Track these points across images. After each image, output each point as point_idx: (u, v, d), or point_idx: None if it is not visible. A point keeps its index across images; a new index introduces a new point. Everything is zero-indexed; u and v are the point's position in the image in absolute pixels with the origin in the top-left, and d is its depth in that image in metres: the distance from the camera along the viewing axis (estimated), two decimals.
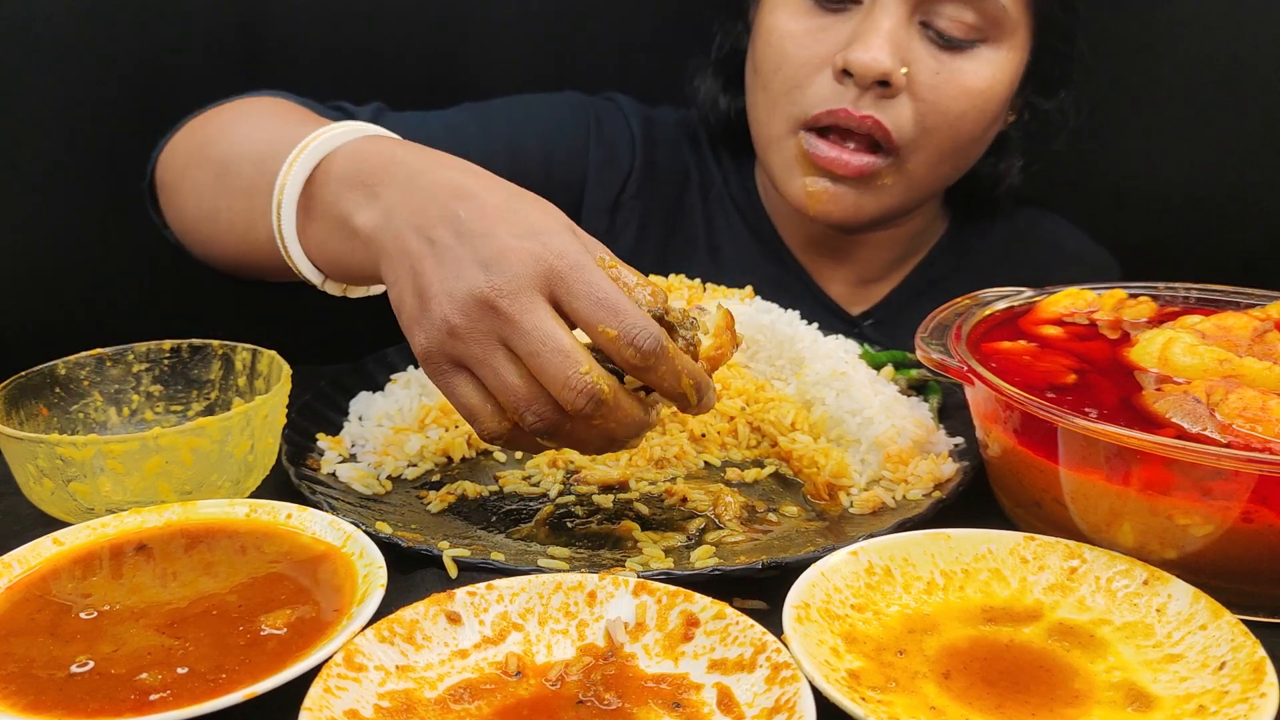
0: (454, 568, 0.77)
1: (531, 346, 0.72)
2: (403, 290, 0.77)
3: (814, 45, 1.15)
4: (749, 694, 0.62)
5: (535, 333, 0.72)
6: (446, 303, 0.74)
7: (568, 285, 0.73)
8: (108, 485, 0.80)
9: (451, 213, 0.77)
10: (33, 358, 0.92)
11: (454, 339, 0.74)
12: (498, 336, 0.73)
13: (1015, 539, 0.75)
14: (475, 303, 0.73)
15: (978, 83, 1.14)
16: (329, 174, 0.85)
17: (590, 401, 0.72)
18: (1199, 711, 0.60)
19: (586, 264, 0.74)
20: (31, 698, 0.61)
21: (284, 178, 0.86)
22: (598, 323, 0.72)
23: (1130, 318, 0.99)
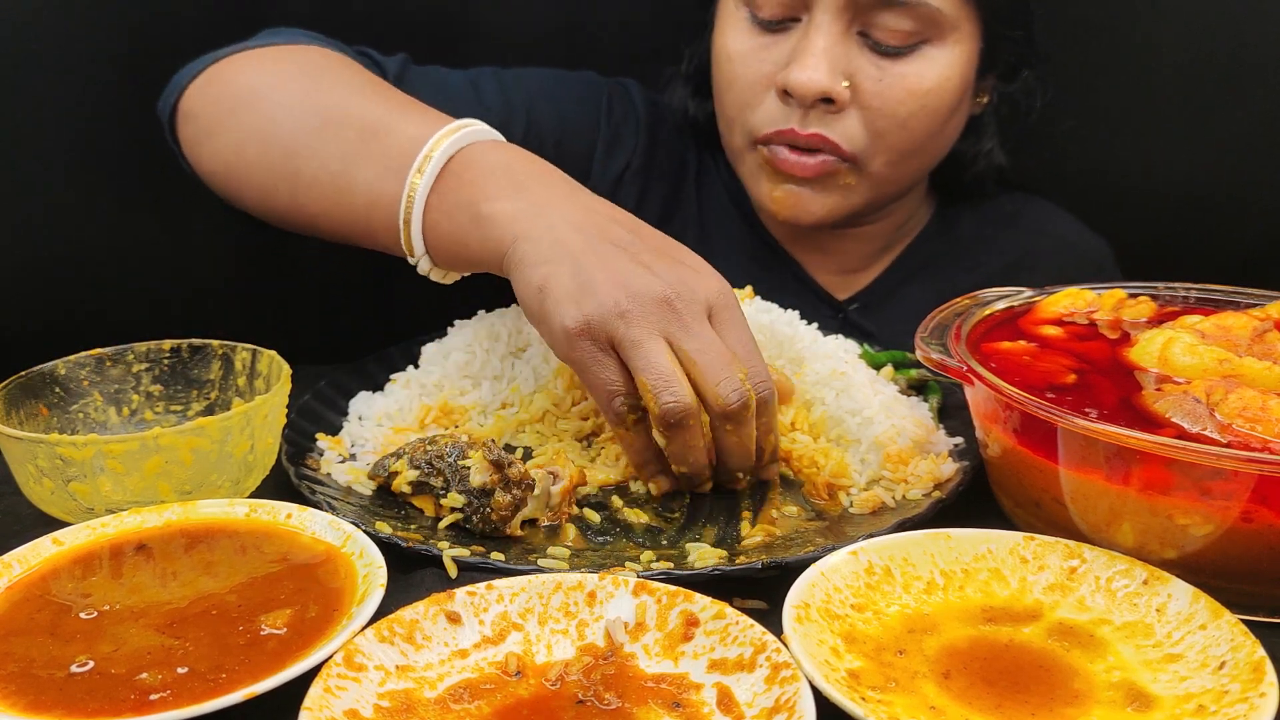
0: (454, 568, 0.77)
1: (699, 345, 0.81)
2: (554, 273, 0.82)
3: (757, 65, 1.16)
4: (749, 694, 0.62)
5: (704, 336, 0.82)
6: (621, 290, 0.81)
7: (724, 319, 0.84)
8: (108, 485, 0.80)
9: (615, 228, 0.86)
10: (33, 358, 0.92)
11: (621, 319, 0.80)
12: (663, 330, 0.81)
13: (1015, 539, 0.75)
14: (652, 297, 0.81)
15: (923, 83, 1.13)
16: (468, 165, 0.92)
17: (740, 401, 0.81)
18: (1199, 711, 0.60)
19: (740, 313, 0.86)
20: (31, 698, 0.61)
21: (421, 165, 0.92)
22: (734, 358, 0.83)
23: (1130, 318, 0.99)
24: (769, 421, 0.86)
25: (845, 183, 1.18)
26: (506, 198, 0.88)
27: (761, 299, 1.10)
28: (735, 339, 0.84)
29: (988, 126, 1.30)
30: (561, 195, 0.89)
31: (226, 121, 1.07)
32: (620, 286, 0.81)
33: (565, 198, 0.89)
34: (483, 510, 0.82)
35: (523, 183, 0.90)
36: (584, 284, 0.81)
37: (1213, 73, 1.38)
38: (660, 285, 0.82)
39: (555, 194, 0.89)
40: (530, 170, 0.92)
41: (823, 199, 1.19)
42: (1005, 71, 1.25)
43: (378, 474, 0.89)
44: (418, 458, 0.86)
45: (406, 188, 0.92)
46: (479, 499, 0.82)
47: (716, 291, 0.84)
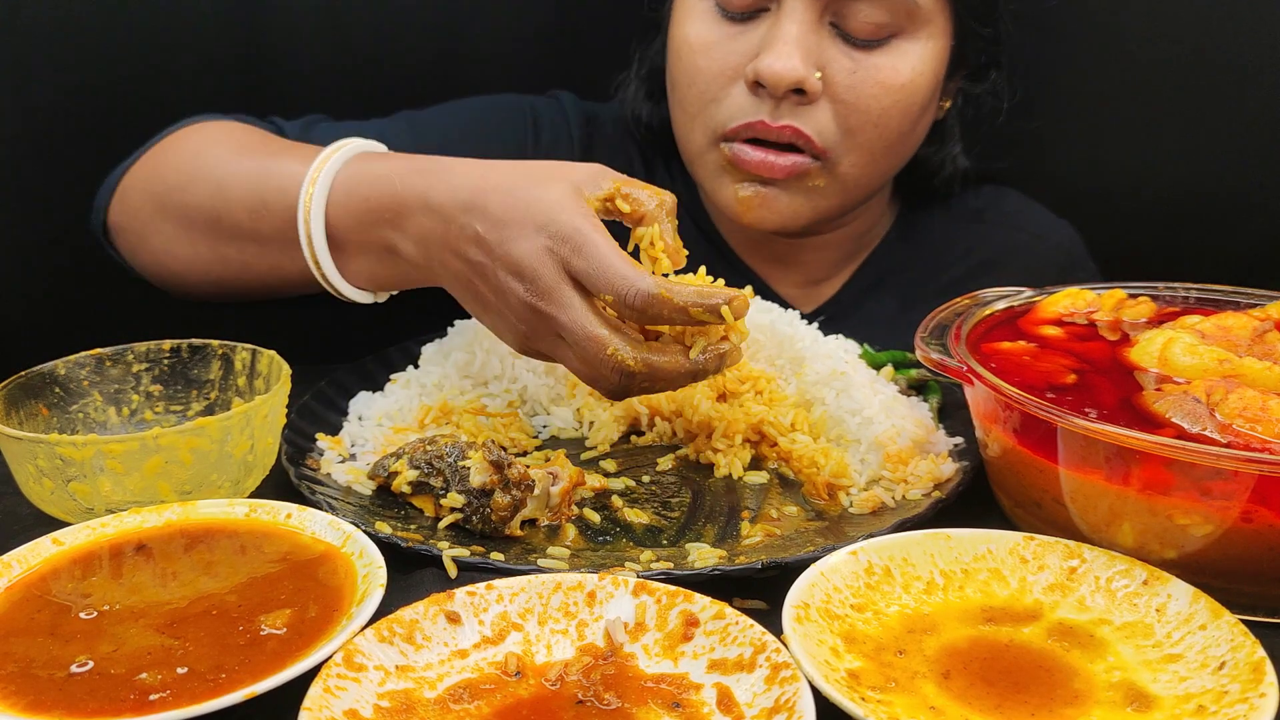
0: (454, 568, 0.77)
1: (572, 339, 0.84)
2: (472, 306, 0.92)
3: (724, 57, 1.12)
4: (749, 694, 0.62)
5: (571, 325, 0.83)
6: (510, 315, 0.87)
7: (575, 268, 0.83)
8: (107, 485, 0.80)
9: (470, 228, 0.88)
10: (33, 358, 0.92)
11: (530, 340, 0.88)
12: (554, 332, 0.85)
13: (1015, 539, 0.75)
14: (528, 311, 0.85)
15: (897, 77, 1.10)
16: (345, 214, 0.96)
17: (621, 375, 0.83)
18: (1199, 711, 0.60)
19: (584, 241, 0.83)
20: (31, 698, 0.61)
21: (304, 227, 0.96)
22: (598, 293, 0.83)
23: (1130, 318, 0.99)
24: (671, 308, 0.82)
25: (814, 184, 1.14)
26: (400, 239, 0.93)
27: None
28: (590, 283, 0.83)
29: (951, 131, 1.27)
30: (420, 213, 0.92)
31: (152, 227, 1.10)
32: (508, 309, 0.87)
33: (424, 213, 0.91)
34: (482, 510, 0.82)
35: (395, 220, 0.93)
36: (490, 313, 0.90)
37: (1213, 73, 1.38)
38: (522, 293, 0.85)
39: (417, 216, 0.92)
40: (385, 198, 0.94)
41: (789, 200, 1.15)
42: (974, 72, 1.22)
43: (378, 474, 0.89)
44: (417, 458, 0.86)
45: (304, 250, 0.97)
46: (479, 499, 0.82)
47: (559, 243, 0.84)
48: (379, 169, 0.96)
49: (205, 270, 1.07)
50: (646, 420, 1.02)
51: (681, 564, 0.78)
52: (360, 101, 1.26)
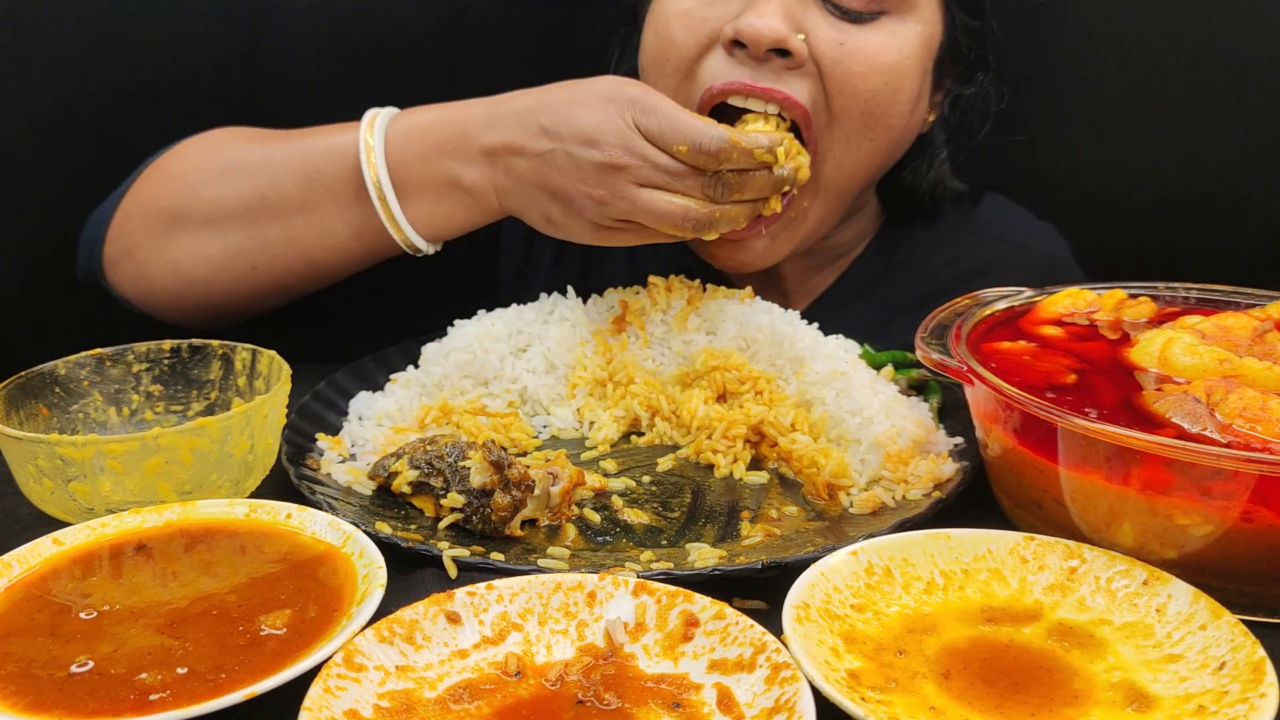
0: (454, 568, 0.77)
1: (654, 174, 0.94)
2: (544, 206, 0.97)
3: (701, 24, 1.08)
4: (749, 694, 0.62)
5: (652, 158, 0.93)
6: (583, 187, 0.94)
7: (647, 126, 0.93)
8: (108, 485, 0.80)
9: (535, 124, 0.96)
10: (33, 358, 0.92)
11: (608, 204, 0.94)
12: (634, 182, 0.94)
13: (1015, 539, 0.75)
14: (604, 172, 0.93)
15: (887, 56, 1.07)
16: (404, 156, 1.01)
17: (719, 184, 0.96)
18: (1199, 711, 0.60)
19: (654, 102, 0.94)
20: (31, 698, 0.61)
21: (371, 172, 1.02)
22: (671, 145, 0.93)
23: (1130, 318, 0.99)
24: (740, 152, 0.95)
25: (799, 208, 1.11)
26: (466, 166, 1.01)
27: None
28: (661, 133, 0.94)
29: (935, 140, 1.25)
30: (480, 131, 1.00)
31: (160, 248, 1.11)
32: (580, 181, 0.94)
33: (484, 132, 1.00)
34: (482, 510, 0.82)
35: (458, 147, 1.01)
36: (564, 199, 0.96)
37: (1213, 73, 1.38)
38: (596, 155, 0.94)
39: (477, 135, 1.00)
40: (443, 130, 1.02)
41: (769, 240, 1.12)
42: (960, 71, 1.20)
43: (378, 474, 0.89)
44: (418, 458, 0.86)
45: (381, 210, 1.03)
46: (479, 499, 0.82)
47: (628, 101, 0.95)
48: (432, 113, 1.04)
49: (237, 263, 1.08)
50: (647, 420, 1.02)
51: (681, 564, 0.78)
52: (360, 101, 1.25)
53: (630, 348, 1.07)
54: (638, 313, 1.09)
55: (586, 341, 1.07)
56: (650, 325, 1.08)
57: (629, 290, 1.13)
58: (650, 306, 1.10)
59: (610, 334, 1.08)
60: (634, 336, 1.08)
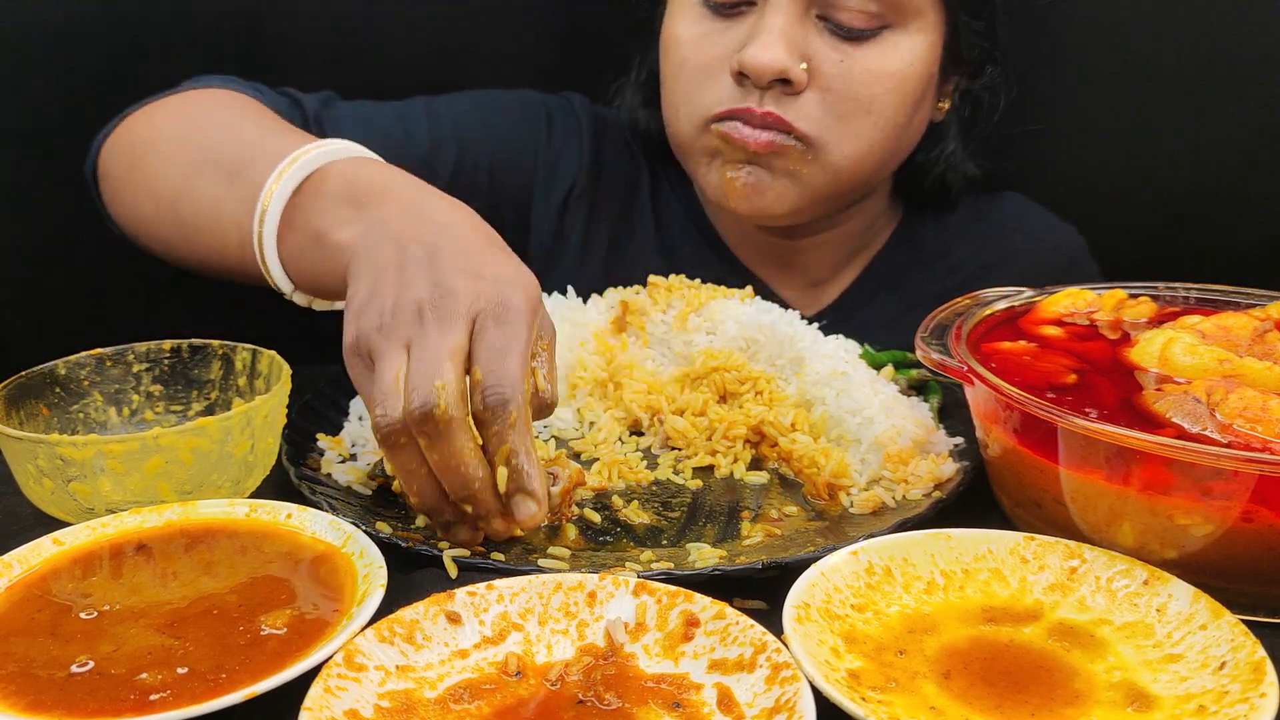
0: (454, 568, 0.77)
1: (419, 353, 0.73)
2: (360, 286, 0.79)
3: (711, 49, 1.13)
4: (749, 694, 0.62)
5: (430, 341, 0.73)
6: (390, 303, 0.76)
7: (489, 322, 0.75)
8: (108, 485, 0.80)
9: (433, 239, 0.80)
10: (33, 358, 0.92)
11: (378, 332, 0.76)
12: (406, 340, 0.75)
13: (1015, 539, 0.75)
14: (410, 307, 0.75)
15: (888, 65, 1.10)
16: (320, 189, 0.89)
17: (420, 405, 0.71)
18: (1199, 711, 0.60)
19: (517, 321, 0.75)
20: (31, 698, 0.61)
21: (272, 186, 0.89)
22: (476, 361, 0.74)
23: (1130, 318, 0.99)
24: (501, 432, 0.73)
25: (798, 169, 1.13)
26: (349, 223, 0.84)
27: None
28: (487, 343, 0.74)
29: (948, 130, 1.27)
30: (401, 207, 0.84)
31: (128, 178, 1.08)
32: (392, 301, 0.76)
33: (404, 209, 0.84)
34: None
35: (366, 204, 0.85)
36: (368, 298, 0.78)
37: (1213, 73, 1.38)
38: (425, 293, 0.75)
39: (396, 207, 0.84)
40: (375, 185, 0.87)
41: (780, 187, 1.14)
42: (970, 69, 1.22)
43: (378, 474, 0.88)
44: None
45: (255, 219, 0.90)
46: None
47: (492, 299, 0.75)
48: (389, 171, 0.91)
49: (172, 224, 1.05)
50: (647, 421, 1.02)
51: (682, 564, 0.78)
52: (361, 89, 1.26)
53: (630, 348, 1.07)
54: (638, 313, 1.09)
55: (586, 342, 1.07)
56: (650, 325, 1.08)
57: (629, 290, 1.13)
58: (650, 306, 1.10)
59: (610, 334, 1.08)
60: (634, 337, 1.08)
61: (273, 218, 0.89)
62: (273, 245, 0.90)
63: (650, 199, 1.33)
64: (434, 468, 0.75)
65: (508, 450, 0.74)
